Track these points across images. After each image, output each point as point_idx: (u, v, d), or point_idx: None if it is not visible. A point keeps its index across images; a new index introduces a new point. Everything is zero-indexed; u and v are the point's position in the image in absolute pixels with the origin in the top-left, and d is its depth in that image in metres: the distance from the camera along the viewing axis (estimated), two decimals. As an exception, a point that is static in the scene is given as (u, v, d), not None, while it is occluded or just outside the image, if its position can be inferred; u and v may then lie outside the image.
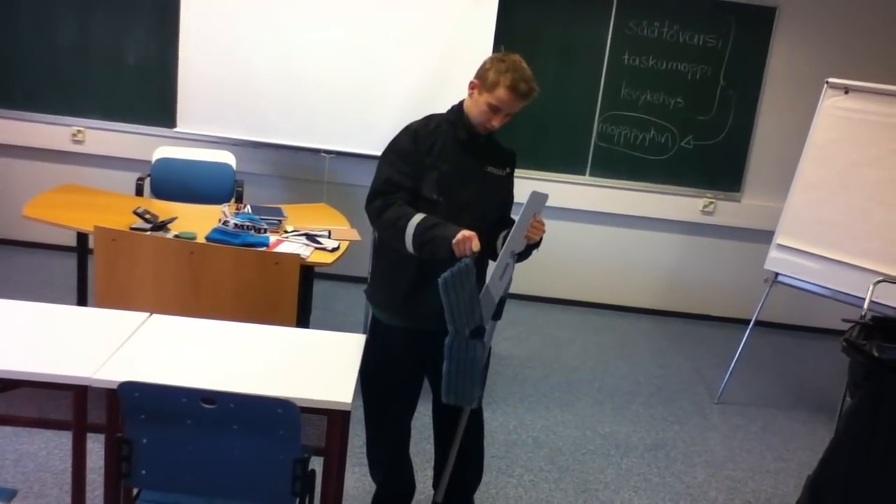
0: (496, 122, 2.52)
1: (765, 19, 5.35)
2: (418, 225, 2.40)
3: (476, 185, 2.57)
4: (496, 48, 2.62)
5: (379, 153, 2.61)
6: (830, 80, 4.23)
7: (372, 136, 5.02)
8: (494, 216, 2.67)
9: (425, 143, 2.52)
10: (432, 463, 2.98)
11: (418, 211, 2.45)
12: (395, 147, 2.55)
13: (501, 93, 2.45)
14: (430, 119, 2.60)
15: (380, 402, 2.74)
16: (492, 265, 2.52)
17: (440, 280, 2.31)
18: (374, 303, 2.72)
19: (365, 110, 5.05)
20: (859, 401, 2.80)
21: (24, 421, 3.14)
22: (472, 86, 2.55)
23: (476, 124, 2.54)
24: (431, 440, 2.92)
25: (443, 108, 2.67)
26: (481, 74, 2.52)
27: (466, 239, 2.34)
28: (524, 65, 2.49)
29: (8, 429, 3.25)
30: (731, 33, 5.36)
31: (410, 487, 2.89)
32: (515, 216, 2.51)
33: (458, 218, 2.47)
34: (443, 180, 2.51)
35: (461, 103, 2.60)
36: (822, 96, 4.25)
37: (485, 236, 2.54)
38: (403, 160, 2.50)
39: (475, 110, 2.53)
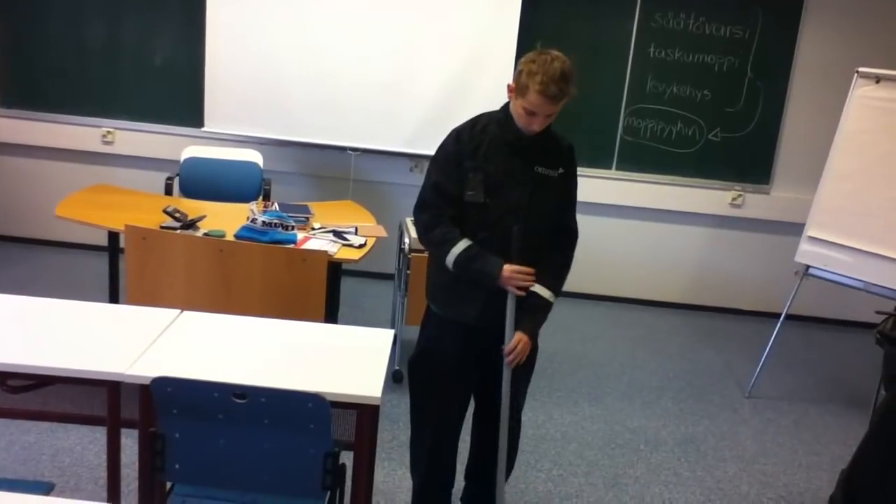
0: (536, 126, 2.43)
1: (792, 9, 5.27)
2: (458, 256, 2.46)
3: (524, 186, 2.51)
4: (532, 45, 2.56)
5: (403, 150, 2.62)
6: (861, 69, 4.16)
7: (396, 133, 5.02)
8: (548, 219, 2.59)
9: (470, 145, 2.49)
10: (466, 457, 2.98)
11: (466, 214, 2.47)
12: (440, 150, 2.54)
13: (532, 97, 2.36)
14: (478, 119, 2.55)
15: (421, 392, 2.73)
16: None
17: None
18: (427, 293, 2.72)
19: (389, 107, 5.06)
20: (894, 394, 2.76)
21: (60, 416, 3.19)
22: (509, 89, 2.47)
23: (520, 127, 2.47)
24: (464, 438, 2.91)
25: (468, 104, 2.66)
26: (516, 77, 2.43)
27: (514, 278, 2.47)
28: (556, 63, 2.35)
29: (44, 424, 3.31)
30: (759, 24, 5.30)
31: (448, 485, 2.86)
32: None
33: (505, 221, 2.47)
34: (489, 182, 2.47)
35: (509, 102, 2.53)
36: (852, 86, 4.18)
37: (536, 240, 2.54)
38: (448, 162, 2.50)
39: (515, 114, 2.47)
